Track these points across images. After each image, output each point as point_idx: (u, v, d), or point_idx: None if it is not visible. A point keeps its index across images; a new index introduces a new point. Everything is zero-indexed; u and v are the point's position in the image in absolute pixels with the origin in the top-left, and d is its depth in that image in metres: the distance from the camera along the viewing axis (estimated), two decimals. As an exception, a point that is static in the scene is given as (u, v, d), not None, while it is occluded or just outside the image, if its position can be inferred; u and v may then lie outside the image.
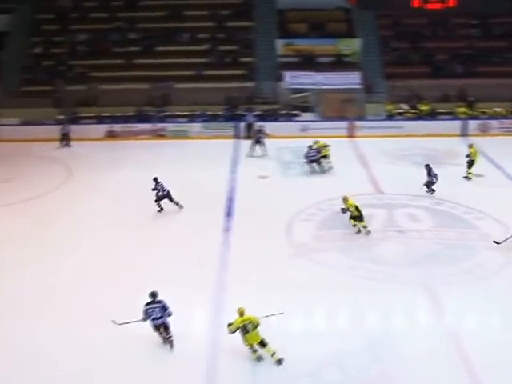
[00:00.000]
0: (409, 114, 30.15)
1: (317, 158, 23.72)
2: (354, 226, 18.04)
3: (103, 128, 29.74)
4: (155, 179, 20.07)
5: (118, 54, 33.22)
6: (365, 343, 13.12)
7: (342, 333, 13.72)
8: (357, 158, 25.72)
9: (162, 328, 13.12)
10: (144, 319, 12.99)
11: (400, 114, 30.25)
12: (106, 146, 28.40)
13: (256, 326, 12.49)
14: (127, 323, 12.90)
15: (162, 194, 19.94)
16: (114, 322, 12.86)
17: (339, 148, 26.17)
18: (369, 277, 15.80)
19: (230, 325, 12.56)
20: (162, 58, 32.44)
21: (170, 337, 13.14)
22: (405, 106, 30.32)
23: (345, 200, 17.98)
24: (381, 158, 25.63)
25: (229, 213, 19.80)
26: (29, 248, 17.85)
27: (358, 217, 17.95)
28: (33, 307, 14.66)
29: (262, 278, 15.70)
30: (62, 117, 29.87)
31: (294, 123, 29.30)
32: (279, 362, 12.53)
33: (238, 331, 12.52)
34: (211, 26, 34.08)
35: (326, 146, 24.17)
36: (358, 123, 29.27)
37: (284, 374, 12.29)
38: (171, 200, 19.99)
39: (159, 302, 13.05)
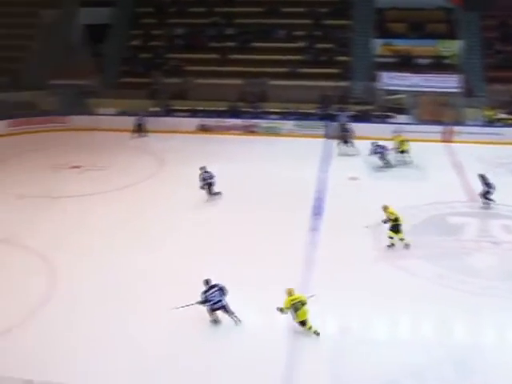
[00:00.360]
0: (511, 121, 29.25)
1: (385, 153, 24.43)
2: (391, 238, 17.53)
3: (195, 121, 30.53)
4: (203, 168, 21.19)
5: (213, 48, 33.95)
6: (450, 355, 12.98)
7: (426, 343, 13.58)
8: (451, 164, 25.23)
9: (223, 310, 13.91)
10: (201, 303, 13.78)
11: (499, 120, 29.39)
12: (198, 140, 29.13)
13: (304, 303, 13.49)
14: (186, 306, 13.64)
15: (207, 183, 21.06)
16: (175, 308, 13.62)
17: (433, 153, 25.85)
18: (457, 287, 15.57)
19: (281, 309, 13.50)
20: (257, 55, 32.89)
21: (234, 313, 13.93)
22: (502, 115, 29.41)
23: (385, 209, 17.60)
24: (477, 165, 24.95)
25: (317, 213, 19.95)
26: (122, 236, 18.73)
27: (395, 227, 17.44)
28: (124, 296, 15.38)
29: (347, 280, 15.79)
30: (156, 109, 30.95)
31: (387, 125, 29.05)
32: (317, 333, 13.49)
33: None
34: (308, 23, 34.23)
35: (404, 141, 24.81)
36: (456, 128, 28.66)
37: (366, 380, 12.38)
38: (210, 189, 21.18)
39: (215, 285, 13.94)
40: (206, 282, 14.08)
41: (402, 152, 24.93)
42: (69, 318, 14.56)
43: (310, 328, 13.58)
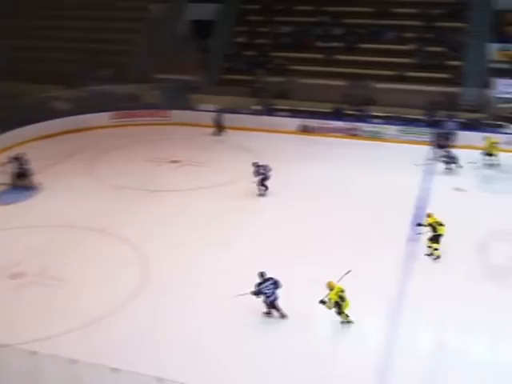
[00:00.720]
0: None
1: (450, 161, 24.26)
2: (429, 247, 17.34)
3: (296, 122, 30.43)
4: (255, 164, 21.77)
5: (319, 48, 33.79)
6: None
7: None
8: None
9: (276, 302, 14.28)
10: (254, 293, 14.15)
11: None
12: (298, 140, 29.07)
13: (344, 292, 13.86)
14: (241, 295, 14.01)
15: (261, 178, 21.76)
16: (239, 295, 14.07)
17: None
18: None
19: (323, 302, 13.79)
20: (365, 56, 32.48)
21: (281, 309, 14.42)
22: None
23: (428, 216, 17.44)
24: None
25: (417, 222, 19.40)
26: (214, 232, 19.04)
27: (434, 237, 17.20)
28: (213, 290, 15.68)
29: (448, 295, 15.33)
30: (258, 107, 31.17)
31: (498, 135, 27.87)
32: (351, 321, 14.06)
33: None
34: (419, 25, 33.42)
35: (494, 144, 24.77)
36: None
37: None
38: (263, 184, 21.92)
39: (270, 279, 14.29)
40: (261, 274, 14.38)
41: (490, 155, 24.84)
42: (158, 309, 14.93)
43: (348, 317, 14.06)
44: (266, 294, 14.24)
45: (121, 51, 34.93)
